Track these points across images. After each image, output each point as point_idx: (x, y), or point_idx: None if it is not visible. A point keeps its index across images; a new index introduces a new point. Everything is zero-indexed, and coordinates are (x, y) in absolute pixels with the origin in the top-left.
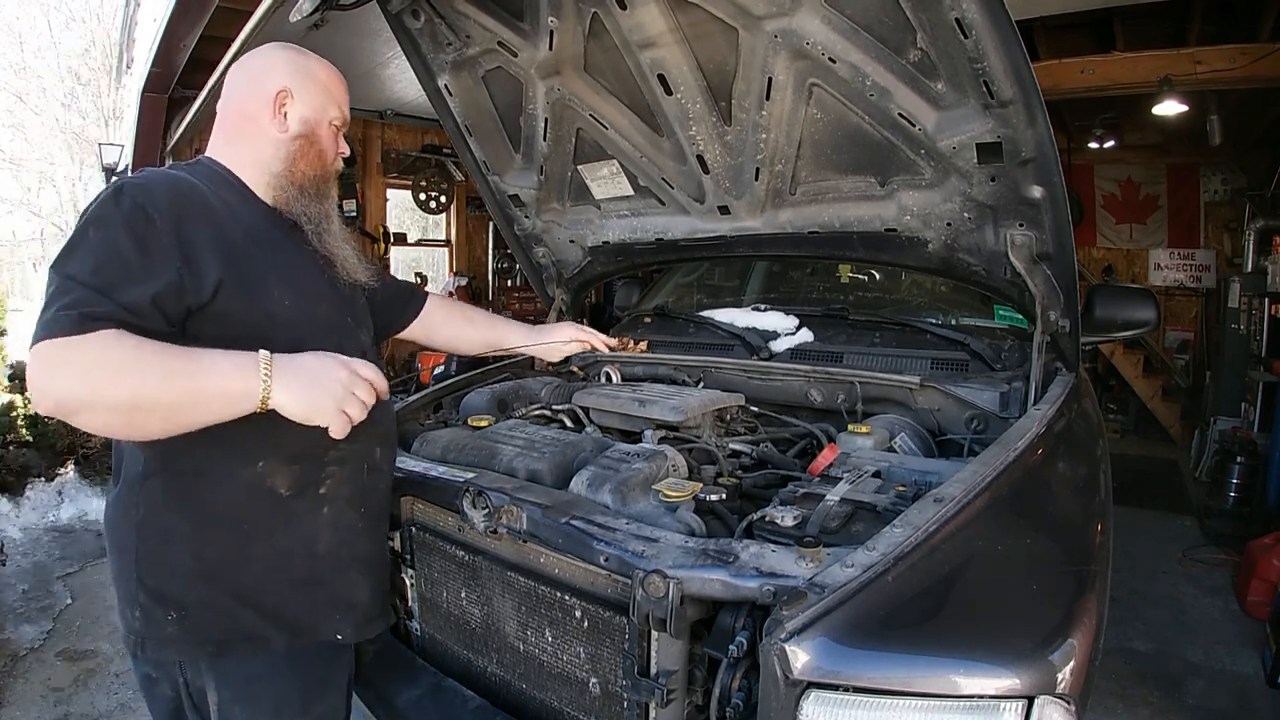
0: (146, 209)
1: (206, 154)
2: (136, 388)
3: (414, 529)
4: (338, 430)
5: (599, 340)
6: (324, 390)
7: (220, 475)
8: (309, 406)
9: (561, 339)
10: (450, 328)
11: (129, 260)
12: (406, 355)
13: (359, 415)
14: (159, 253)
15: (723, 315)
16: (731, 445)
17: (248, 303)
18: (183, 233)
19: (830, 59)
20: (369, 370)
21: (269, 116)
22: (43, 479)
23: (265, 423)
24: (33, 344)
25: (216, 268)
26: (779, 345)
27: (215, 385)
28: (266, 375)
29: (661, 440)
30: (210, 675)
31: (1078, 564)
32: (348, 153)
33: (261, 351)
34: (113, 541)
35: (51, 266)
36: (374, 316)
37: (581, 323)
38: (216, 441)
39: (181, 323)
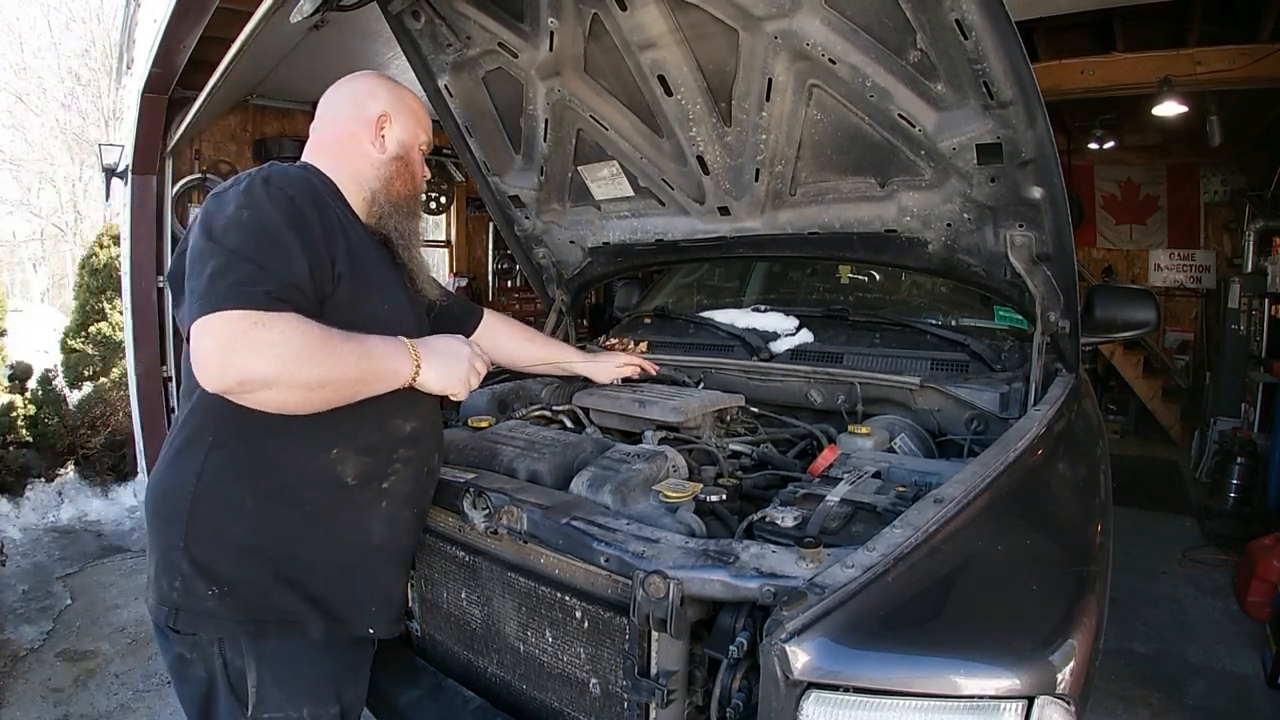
0: (295, 200)
1: (307, 161)
2: (330, 369)
3: None
4: (463, 396)
5: (649, 365)
6: (458, 366)
7: (293, 457)
8: (447, 381)
9: (614, 364)
10: (512, 343)
11: (287, 244)
12: None
13: (476, 384)
14: (310, 241)
15: (723, 316)
16: (732, 446)
17: (355, 301)
18: (322, 225)
19: (830, 60)
20: (479, 348)
21: (369, 138)
22: (42, 479)
23: (346, 414)
24: (205, 311)
25: (340, 262)
26: (779, 346)
27: (382, 366)
28: (415, 356)
29: (662, 441)
30: (251, 657)
31: (1078, 564)
32: (429, 175)
33: (399, 337)
34: (159, 510)
35: (207, 238)
36: (436, 328)
37: (581, 324)
38: (294, 425)
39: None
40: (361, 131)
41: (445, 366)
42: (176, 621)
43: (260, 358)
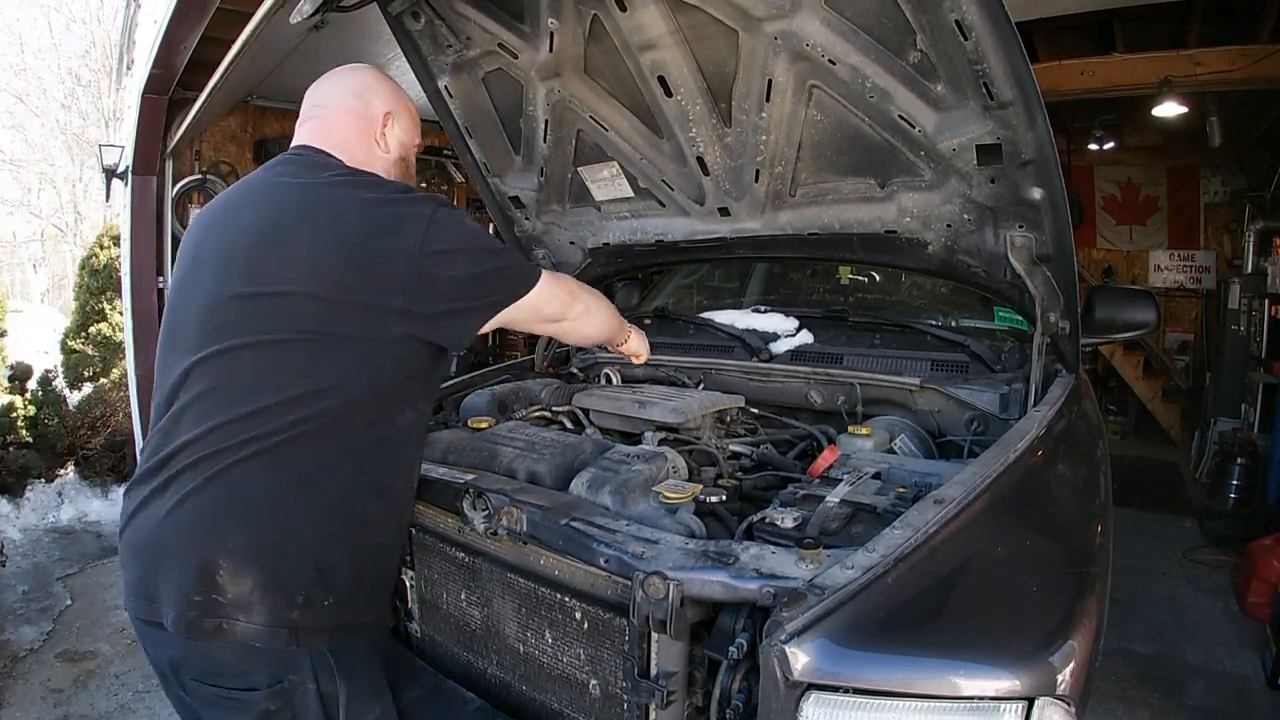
0: None
1: (341, 161)
2: (609, 307)
3: (414, 530)
4: (644, 359)
5: None
6: (645, 339)
7: (401, 455)
8: (643, 347)
9: None
10: None
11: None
12: None
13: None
14: None
15: (723, 317)
16: (732, 447)
17: None
18: None
19: (830, 61)
20: None
21: (375, 137)
22: (43, 480)
23: (424, 415)
24: (533, 283)
25: None
26: (779, 347)
27: (621, 319)
28: (627, 325)
29: (662, 442)
30: (342, 678)
31: (1078, 565)
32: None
33: None
34: (275, 523)
35: (476, 245)
36: None
37: None
38: (411, 431)
39: None
40: (369, 130)
41: (640, 338)
42: (296, 640)
43: (587, 293)
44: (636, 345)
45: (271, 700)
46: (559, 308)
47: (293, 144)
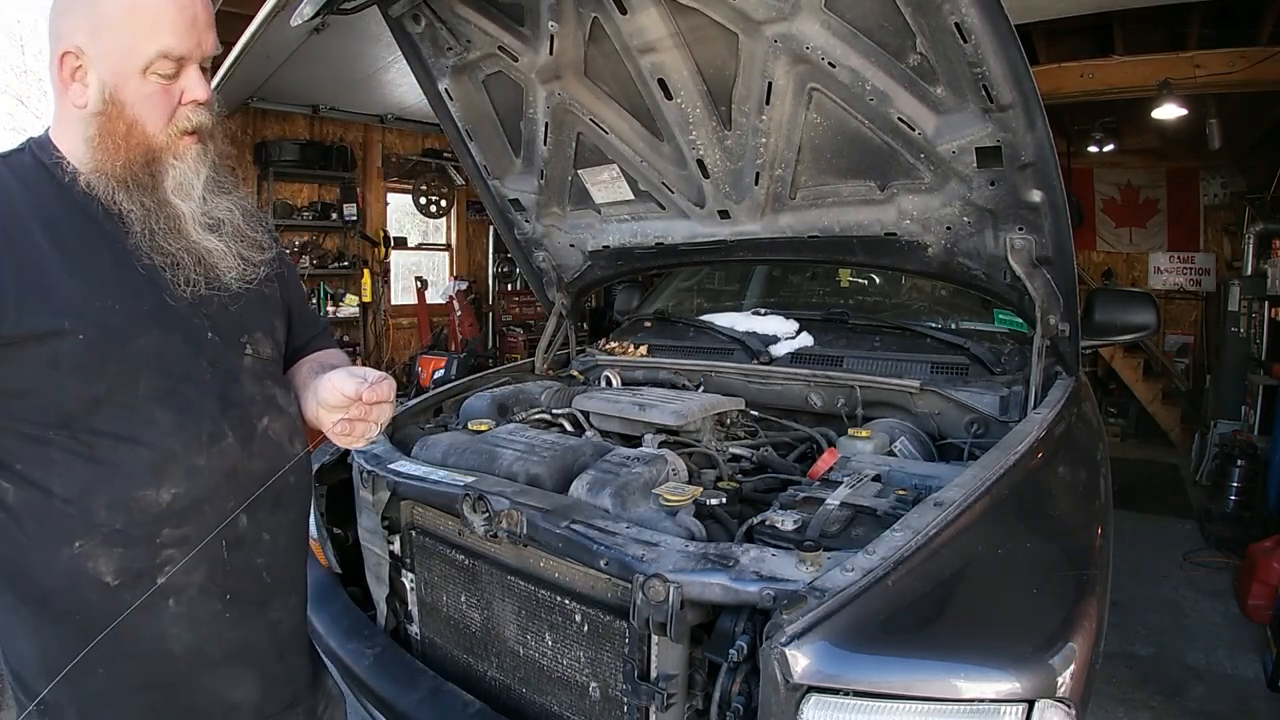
0: None
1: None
2: None
3: (414, 533)
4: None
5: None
6: None
7: (41, 554)
8: None
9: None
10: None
11: None
12: (407, 358)
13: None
14: None
15: (723, 319)
16: (731, 449)
17: (25, 334)
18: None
19: (830, 64)
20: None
21: (64, 89)
22: None
23: (74, 488)
24: None
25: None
26: (779, 349)
27: None
28: None
29: (662, 444)
30: None
31: (1078, 568)
32: (204, 97)
33: None
34: None
35: None
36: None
37: (581, 327)
38: (28, 513)
39: None
40: (59, 84)
41: None
42: None
43: None
44: None
45: None
46: None
47: None
